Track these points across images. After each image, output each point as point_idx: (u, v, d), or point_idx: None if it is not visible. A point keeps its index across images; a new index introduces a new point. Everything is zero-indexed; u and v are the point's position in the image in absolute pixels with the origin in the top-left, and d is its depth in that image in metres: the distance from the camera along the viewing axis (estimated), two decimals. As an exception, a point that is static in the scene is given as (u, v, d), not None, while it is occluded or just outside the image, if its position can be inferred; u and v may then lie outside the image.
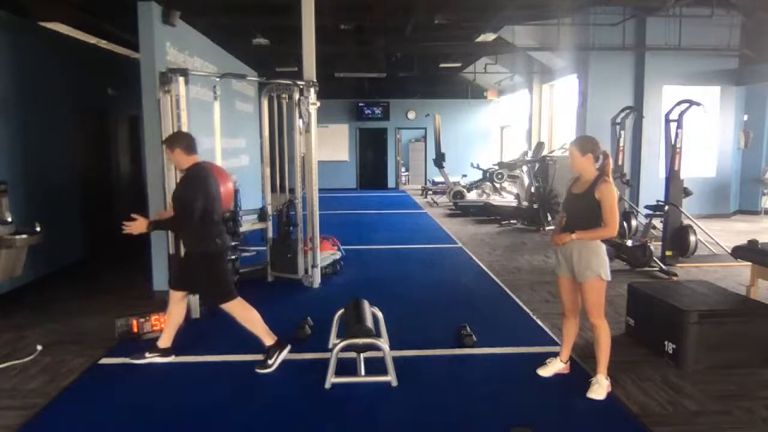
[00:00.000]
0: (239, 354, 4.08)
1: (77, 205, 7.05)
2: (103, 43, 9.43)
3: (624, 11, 10.22)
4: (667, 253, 6.93)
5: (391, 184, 19.53)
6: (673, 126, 6.99)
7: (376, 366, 3.75)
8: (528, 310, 5.27)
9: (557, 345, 4.07)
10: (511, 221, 10.88)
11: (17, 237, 4.62)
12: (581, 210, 3.47)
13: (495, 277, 6.55)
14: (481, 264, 7.28)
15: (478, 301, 5.63)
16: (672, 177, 7.07)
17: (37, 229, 4.75)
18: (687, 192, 7.26)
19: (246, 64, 9.56)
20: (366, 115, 18.86)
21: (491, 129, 19.54)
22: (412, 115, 19.05)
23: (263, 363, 3.86)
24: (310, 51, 6.00)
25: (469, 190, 14.44)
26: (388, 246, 8.62)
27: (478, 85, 18.44)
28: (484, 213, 11.90)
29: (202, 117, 6.04)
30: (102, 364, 4.04)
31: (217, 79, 5.60)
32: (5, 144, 5.60)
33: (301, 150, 6.13)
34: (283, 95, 6.35)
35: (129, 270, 6.62)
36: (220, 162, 5.76)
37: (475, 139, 19.15)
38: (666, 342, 4.00)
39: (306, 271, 6.17)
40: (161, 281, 5.32)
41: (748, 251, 5.04)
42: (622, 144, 8.67)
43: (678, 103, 7.05)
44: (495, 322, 4.96)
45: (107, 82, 7.85)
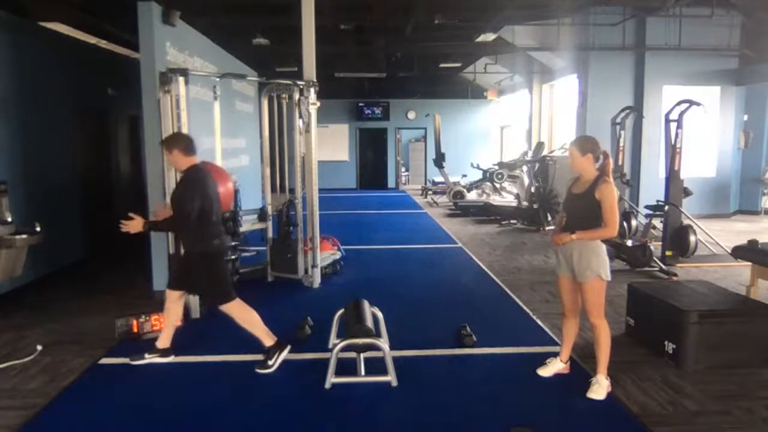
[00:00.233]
0: (239, 354, 4.08)
1: (77, 205, 7.05)
2: (103, 43, 9.43)
3: (624, 11, 10.21)
4: (667, 253, 6.94)
5: (391, 184, 19.53)
6: (673, 126, 6.99)
7: (376, 366, 3.75)
8: (528, 310, 5.27)
9: (557, 345, 4.07)
10: (511, 221, 10.88)
11: (17, 237, 4.63)
12: (581, 210, 3.47)
13: (495, 277, 6.55)
14: (481, 264, 7.28)
15: (478, 301, 5.63)
16: (672, 177, 7.07)
17: (37, 229, 4.75)
18: (687, 192, 7.26)
19: (246, 64, 9.56)
20: (366, 115, 18.85)
21: (491, 129, 19.54)
22: (412, 115, 19.05)
23: (263, 363, 3.86)
24: (310, 51, 6.00)
25: (469, 190, 14.44)
26: (388, 246, 8.62)
27: (478, 85, 18.44)
28: (484, 213, 11.90)
29: (202, 117, 6.04)
30: (102, 364, 4.04)
31: (217, 79, 5.61)
32: (5, 144, 5.61)
33: (301, 150, 6.13)
34: (283, 95, 6.35)
35: (129, 270, 6.62)
36: (220, 162, 5.77)
37: (475, 139, 19.15)
38: (666, 342, 4.00)
39: (306, 271, 6.17)
40: (161, 281, 5.30)
41: (748, 251, 5.04)
42: (622, 144, 8.67)
43: (678, 103, 7.05)
44: (495, 322, 4.97)
45: (107, 82, 7.85)
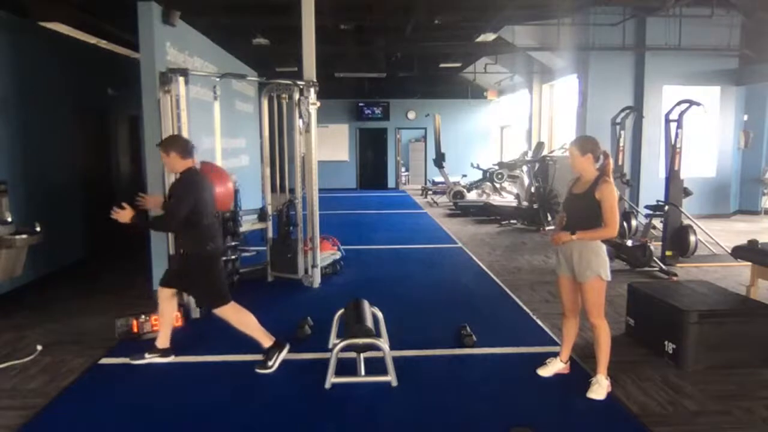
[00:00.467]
0: (239, 354, 4.08)
1: (77, 205, 7.05)
2: (103, 43, 9.43)
3: (624, 11, 10.21)
4: (667, 253, 6.94)
5: (391, 184, 19.53)
6: (673, 126, 6.99)
7: (376, 366, 3.75)
8: (528, 310, 5.27)
9: (557, 345, 4.07)
10: (511, 221, 10.88)
11: (17, 237, 4.63)
12: (581, 210, 3.47)
13: (495, 277, 6.55)
14: (481, 264, 7.28)
15: (478, 301, 5.63)
16: (672, 177, 7.07)
17: (37, 229, 4.75)
18: (687, 192, 7.26)
19: (246, 64, 9.56)
20: (366, 115, 18.85)
21: (491, 129, 19.54)
22: (412, 115, 19.05)
23: (263, 363, 3.85)
24: (310, 51, 6.00)
25: (469, 190, 14.44)
26: (388, 246, 8.62)
27: (478, 85, 18.44)
28: (484, 213, 11.89)
29: (202, 117, 6.04)
30: (102, 364, 4.04)
31: (217, 79, 5.61)
32: (5, 144, 5.61)
33: (301, 150, 6.13)
34: (283, 95, 6.35)
35: (129, 270, 6.62)
36: (220, 162, 5.77)
37: (475, 139, 19.15)
38: (666, 342, 4.00)
39: (306, 271, 6.17)
40: (161, 281, 5.32)
41: (748, 251, 5.04)
42: (622, 144, 8.67)
43: (678, 103, 7.05)
44: (495, 322, 4.96)
45: (107, 82, 7.85)
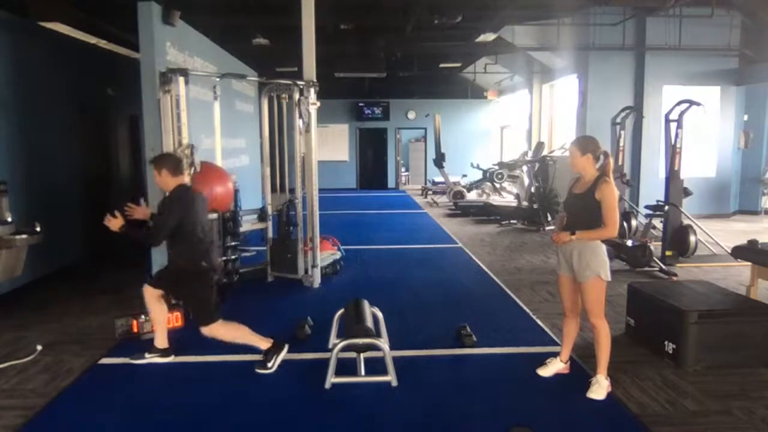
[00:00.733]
0: (239, 354, 4.07)
1: (77, 205, 7.04)
2: (103, 43, 9.43)
3: (624, 11, 10.21)
4: (667, 253, 6.94)
5: (391, 184, 19.53)
6: (673, 126, 6.99)
7: (376, 366, 3.76)
8: (528, 310, 5.27)
9: (557, 345, 4.07)
10: (511, 221, 10.88)
11: (17, 237, 4.62)
12: (581, 210, 3.47)
13: (495, 277, 6.55)
14: (481, 264, 7.28)
15: (478, 301, 5.63)
16: (672, 177, 7.07)
17: (37, 229, 4.74)
18: (687, 192, 7.26)
19: (246, 64, 9.57)
20: (366, 115, 18.85)
21: (491, 129, 19.54)
22: (412, 115, 19.05)
23: (262, 364, 3.85)
24: (310, 51, 6.00)
25: (469, 190, 14.45)
26: (388, 246, 8.62)
27: (478, 85, 18.44)
28: (484, 213, 11.90)
29: (202, 117, 6.04)
30: (102, 364, 4.04)
31: (217, 79, 5.61)
32: (5, 144, 5.60)
33: (301, 150, 6.13)
34: (283, 95, 6.35)
35: (129, 270, 6.61)
36: (220, 162, 5.77)
37: (475, 139, 19.15)
38: (666, 342, 4.00)
39: (306, 271, 6.17)
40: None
41: (748, 251, 5.04)
42: (622, 144, 8.67)
43: (678, 103, 7.05)
44: (495, 322, 4.96)
45: (107, 82, 7.85)
